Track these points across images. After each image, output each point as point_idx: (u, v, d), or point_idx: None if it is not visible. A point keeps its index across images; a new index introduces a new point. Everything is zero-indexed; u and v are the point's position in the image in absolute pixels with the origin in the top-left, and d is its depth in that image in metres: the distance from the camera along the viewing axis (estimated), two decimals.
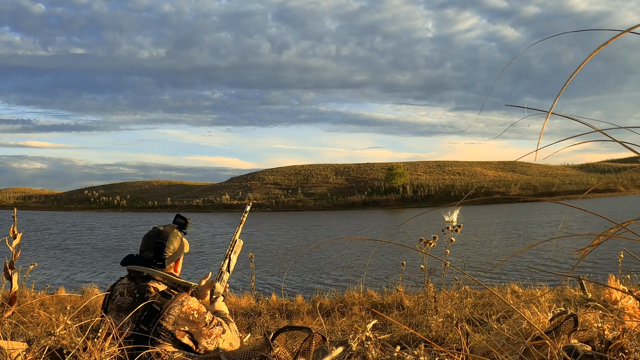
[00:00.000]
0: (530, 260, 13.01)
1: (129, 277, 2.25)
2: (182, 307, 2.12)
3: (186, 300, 2.15)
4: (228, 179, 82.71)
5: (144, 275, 2.20)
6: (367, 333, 1.91)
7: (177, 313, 2.10)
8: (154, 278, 2.20)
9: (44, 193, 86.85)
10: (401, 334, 4.06)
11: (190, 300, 2.17)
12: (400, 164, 73.26)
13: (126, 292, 2.19)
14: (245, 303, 6.80)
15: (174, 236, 2.32)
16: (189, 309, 2.13)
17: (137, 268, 2.21)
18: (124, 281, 2.27)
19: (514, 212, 38.47)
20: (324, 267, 14.56)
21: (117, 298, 2.20)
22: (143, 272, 2.20)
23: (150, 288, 2.16)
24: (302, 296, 7.39)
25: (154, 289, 2.16)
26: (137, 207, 68.43)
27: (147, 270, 2.20)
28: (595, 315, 2.39)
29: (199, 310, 2.16)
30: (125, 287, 2.22)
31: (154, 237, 2.27)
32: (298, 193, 68.07)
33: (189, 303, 2.15)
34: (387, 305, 6.25)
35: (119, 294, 2.21)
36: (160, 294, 2.14)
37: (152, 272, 2.20)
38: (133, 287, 2.19)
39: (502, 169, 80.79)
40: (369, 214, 47.92)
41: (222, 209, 62.25)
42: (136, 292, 2.16)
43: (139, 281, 2.20)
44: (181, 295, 2.17)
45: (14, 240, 1.89)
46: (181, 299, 2.14)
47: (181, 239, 2.37)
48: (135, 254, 2.30)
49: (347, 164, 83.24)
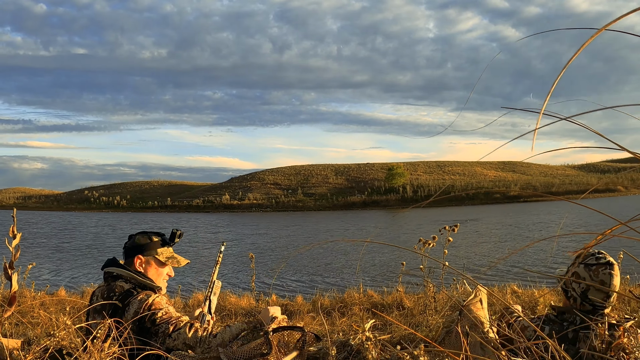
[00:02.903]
0: (529, 261, 13.01)
1: (104, 280, 2.37)
2: (141, 304, 2.15)
3: (147, 297, 2.18)
4: (228, 179, 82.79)
5: (114, 275, 2.31)
6: (366, 333, 1.91)
7: (135, 309, 2.15)
8: (122, 277, 2.30)
9: (44, 193, 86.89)
10: (401, 334, 4.06)
11: (151, 297, 2.19)
12: (400, 164, 73.28)
13: (100, 294, 2.28)
14: (246, 303, 6.80)
15: (142, 235, 2.42)
16: (147, 304, 2.16)
17: (108, 269, 2.33)
18: (101, 284, 2.37)
19: (514, 212, 38.46)
20: (324, 267, 14.56)
21: (93, 301, 2.29)
22: (113, 272, 2.31)
23: (116, 288, 2.25)
24: (302, 296, 7.39)
25: (120, 288, 2.24)
26: (137, 207, 68.43)
27: (115, 270, 2.31)
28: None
29: (156, 305, 2.17)
30: (100, 289, 2.31)
31: (126, 243, 2.43)
32: (298, 193, 68.07)
33: (149, 300, 2.17)
34: (387, 305, 6.25)
35: (95, 297, 2.30)
36: (125, 292, 2.22)
37: (119, 271, 2.30)
38: (104, 288, 2.29)
39: (502, 169, 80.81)
40: (369, 214, 47.91)
41: (222, 209, 62.26)
42: (105, 292, 2.25)
43: (110, 282, 2.30)
44: (143, 293, 2.21)
45: (13, 240, 1.89)
46: (141, 297, 2.18)
47: (152, 242, 2.41)
48: (114, 257, 2.42)
49: (347, 164, 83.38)
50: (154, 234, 2.46)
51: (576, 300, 1.96)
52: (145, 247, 2.39)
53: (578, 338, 1.89)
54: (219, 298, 7.56)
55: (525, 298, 5.82)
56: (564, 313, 1.98)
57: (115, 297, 2.20)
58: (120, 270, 2.30)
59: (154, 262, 2.40)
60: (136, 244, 2.39)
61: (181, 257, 2.49)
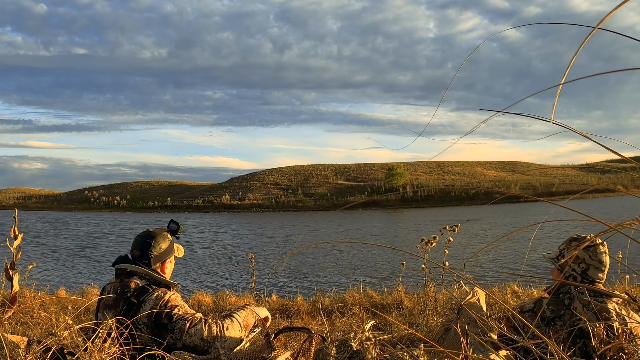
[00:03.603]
0: (529, 261, 13.01)
1: (116, 276, 2.36)
2: (158, 301, 2.17)
3: (164, 294, 2.20)
4: (228, 179, 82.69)
5: (128, 272, 2.30)
6: (366, 333, 1.92)
7: (151, 306, 2.16)
8: (136, 274, 2.29)
9: (44, 193, 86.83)
10: (401, 334, 4.07)
11: (168, 294, 2.22)
12: (400, 164, 73.23)
13: (111, 290, 2.28)
14: (245, 303, 6.80)
15: (162, 237, 2.41)
16: (163, 301, 2.17)
17: (122, 266, 2.32)
18: (112, 280, 2.37)
19: (513, 212, 38.45)
20: (324, 268, 14.55)
21: (105, 297, 2.29)
22: (127, 269, 2.30)
23: (131, 283, 2.24)
24: (302, 296, 7.39)
25: (135, 284, 2.24)
26: (137, 207, 68.38)
27: (130, 267, 2.30)
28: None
29: (172, 302, 2.19)
30: (112, 285, 2.31)
31: (142, 237, 2.39)
32: (298, 193, 68.05)
33: (165, 297, 2.19)
34: (387, 306, 6.25)
35: (106, 293, 2.30)
36: (140, 288, 2.22)
37: (134, 268, 2.29)
38: (117, 284, 2.28)
39: (502, 169, 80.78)
40: (369, 214, 47.89)
41: (222, 209, 62.23)
42: (119, 288, 2.25)
43: (123, 278, 2.29)
44: (159, 290, 2.23)
45: (15, 241, 1.89)
46: (157, 294, 2.20)
47: (170, 242, 2.45)
48: (125, 254, 2.41)
49: (347, 164, 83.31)
50: (168, 232, 2.49)
51: (576, 278, 2.24)
52: (169, 250, 2.43)
53: (572, 299, 2.17)
54: (219, 298, 7.54)
55: (525, 298, 5.83)
56: (559, 289, 2.25)
57: (130, 293, 2.20)
58: (135, 267, 2.30)
59: (169, 259, 2.46)
60: (163, 250, 2.39)
61: (180, 247, 2.58)
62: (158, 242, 2.37)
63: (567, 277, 2.29)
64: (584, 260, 2.22)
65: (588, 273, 2.22)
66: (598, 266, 2.20)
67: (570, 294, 2.18)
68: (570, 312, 2.13)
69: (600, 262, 2.21)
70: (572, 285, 2.19)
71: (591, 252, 2.22)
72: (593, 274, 2.22)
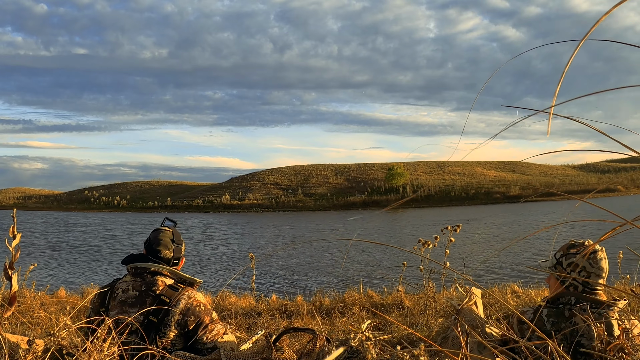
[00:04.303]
0: (529, 261, 13.00)
1: (132, 275, 2.35)
2: (190, 300, 2.24)
3: (193, 294, 2.28)
4: (228, 179, 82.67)
5: (151, 271, 2.33)
6: (366, 333, 1.91)
7: (185, 304, 2.22)
8: (161, 273, 2.33)
9: (44, 193, 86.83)
10: (401, 334, 4.06)
11: (197, 294, 2.31)
12: (400, 164, 73.21)
13: (131, 288, 2.28)
14: (246, 303, 6.79)
15: (180, 236, 2.54)
16: (196, 301, 2.26)
17: (145, 265, 2.34)
18: (127, 279, 2.36)
19: (514, 212, 38.45)
20: (324, 268, 14.55)
21: (120, 295, 2.28)
22: (150, 268, 2.32)
23: (158, 282, 2.29)
24: (302, 296, 7.38)
25: (162, 283, 2.29)
26: (137, 207, 68.37)
27: (155, 266, 2.33)
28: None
29: (205, 305, 2.29)
30: (129, 284, 2.31)
31: (167, 237, 2.46)
32: (298, 193, 68.05)
33: (195, 296, 2.28)
34: (387, 306, 6.25)
35: (122, 291, 2.29)
36: (168, 287, 2.27)
37: (160, 267, 2.33)
38: (140, 282, 2.29)
39: (502, 169, 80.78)
40: (369, 214, 47.87)
41: (222, 209, 62.23)
42: (143, 286, 2.27)
43: (146, 277, 2.31)
44: (188, 289, 2.30)
45: (13, 241, 1.89)
46: (188, 292, 2.27)
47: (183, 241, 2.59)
48: (139, 253, 2.44)
49: (347, 164, 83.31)
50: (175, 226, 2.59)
51: (577, 287, 2.16)
52: (183, 248, 2.54)
53: (572, 311, 2.09)
54: (220, 299, 7.54)
55: (525, 298, 5.82)
56: (558, 298, 2.18)
57: (159, 291, 2.25)
58: (159, 266, 2.34)
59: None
60: (184, 248, 2.53)
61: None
62: (181, 241, 2.51)
63: (567, 287, 2.22)
64: (584, 268, 2.16)
65: (589, 282, 2.17)
66: (598, 273, 2.15)
67: (570, 305, 2.12)
68: (571, 325, 2.07)
69: (601, 269, 2.16)
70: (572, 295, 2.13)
71: (591, 260, 2.16)
72: (594, 281, 2.16)
